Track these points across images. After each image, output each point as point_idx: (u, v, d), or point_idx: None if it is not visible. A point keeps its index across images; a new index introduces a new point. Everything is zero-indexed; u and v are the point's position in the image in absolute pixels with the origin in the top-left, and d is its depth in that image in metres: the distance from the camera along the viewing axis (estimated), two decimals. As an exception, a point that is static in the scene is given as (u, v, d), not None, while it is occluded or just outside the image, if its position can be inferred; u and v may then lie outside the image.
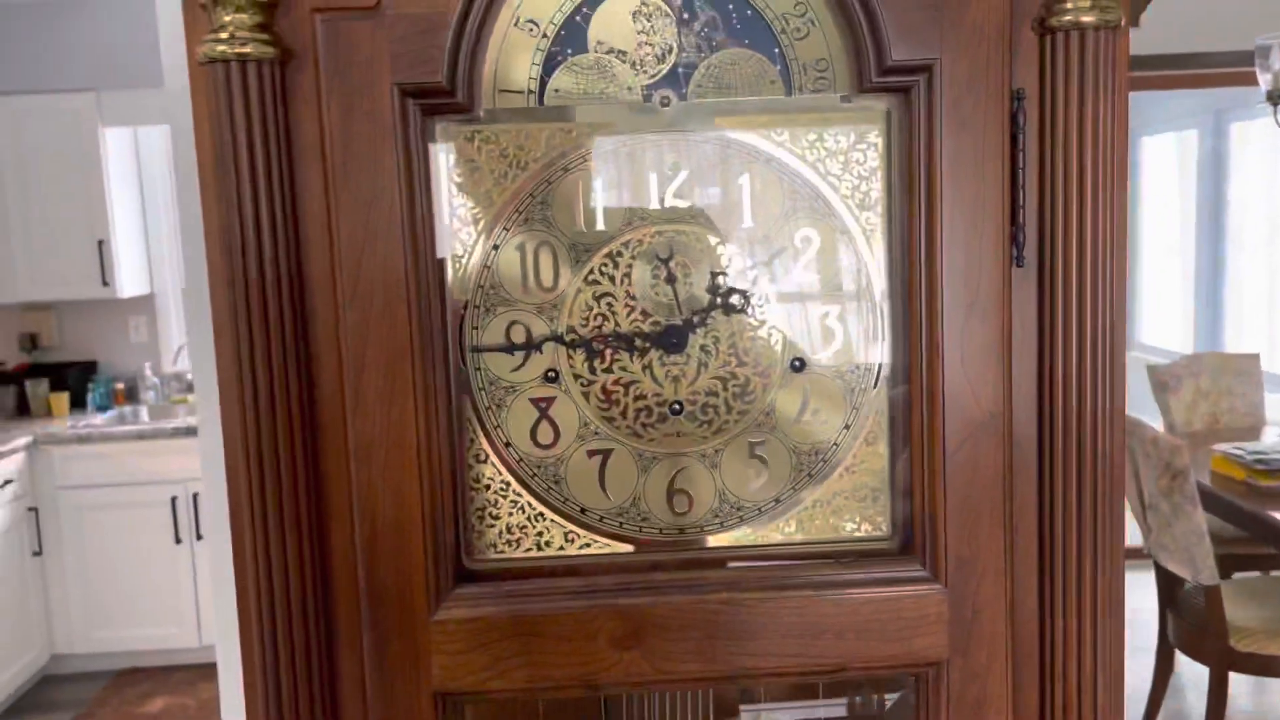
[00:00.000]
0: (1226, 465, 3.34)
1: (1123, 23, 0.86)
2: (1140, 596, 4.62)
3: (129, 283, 4.65)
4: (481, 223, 0.92)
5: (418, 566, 0.90)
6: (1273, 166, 5.69)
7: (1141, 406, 4.65)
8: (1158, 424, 3.92)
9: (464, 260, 0.93)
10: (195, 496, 4.25)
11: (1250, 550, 3.71)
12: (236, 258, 0.84)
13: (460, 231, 0.92)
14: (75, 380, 4.75)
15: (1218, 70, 4.61)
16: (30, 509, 4.22)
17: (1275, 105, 3.41)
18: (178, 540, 4.29)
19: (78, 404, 4.73)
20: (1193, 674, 3.87)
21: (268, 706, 0.88)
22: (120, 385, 4.82)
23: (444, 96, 0.87)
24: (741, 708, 1.26)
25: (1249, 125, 5.82)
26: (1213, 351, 5.01)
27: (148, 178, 4.84)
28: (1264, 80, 3.42)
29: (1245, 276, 6.12)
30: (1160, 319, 6.81)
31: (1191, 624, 3.15)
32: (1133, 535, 4.21)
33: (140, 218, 4.82)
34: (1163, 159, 6.78)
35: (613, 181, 0.93)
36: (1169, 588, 3.35)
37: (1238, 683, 3.59)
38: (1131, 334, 6.84)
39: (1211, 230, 6.30)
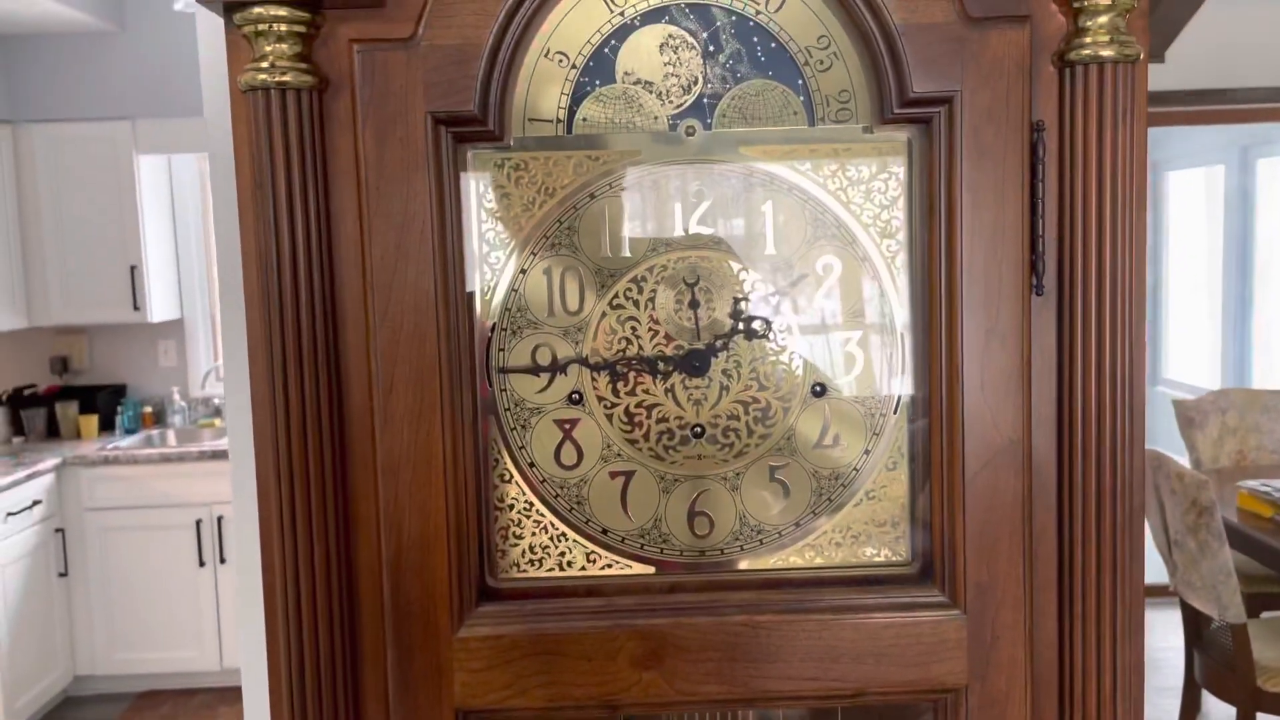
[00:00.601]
0: (1253, 502, 3.31)
1: (1141, 57, 0.87)
2: (1166, 635, 4.56)
3: (160, 308, 4.72)
4: (509, 247, 0.94)
5: (442, 584, 0.91)
6: (1300, 203, 5.65)
7: (1168, 442, 4.62)
8: (1184, 460, 3.89)
9: (492, 283, 0.95)
10: (220, 520, 4.30)
11: (1278, 589, 3.66)
12: (272, 277, 0.86)
13: (489, 255, 0.94)
14: (104, 403, 4.81)
15: (1243, 106, 4.61)
16: (57, 530, 4.27)
17: (1301, 141, 3.40)
18: (201, 563, 4.33)
19: (106, 427, 4.79)
20: (1220, 714, 3.80)
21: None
22: (148, 409, 4.88)
23: (475, 125, 0.90)
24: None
25: (1276, 162, 5.80)
26: (1240, 387, 4.96)
27: (180, 205, 4.93)
28: (1290, 116, 3.41)
29: (1273, 312, 6.07)
30: (1187, 354, 6.76)
31: (1218, 663, 3.11)
32: (1158, 572, 4.17)
33: (172, 244, 4.91)
34: (1190, 195, 6.76)
35: (638, 209, 0.95)
36: (1195, 626, 3.31)
37: (1266, 724, 3.52)
38: (1158, 369, 6.79)
39: (1239, 266, 6.26)
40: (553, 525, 0.97)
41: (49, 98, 4.67)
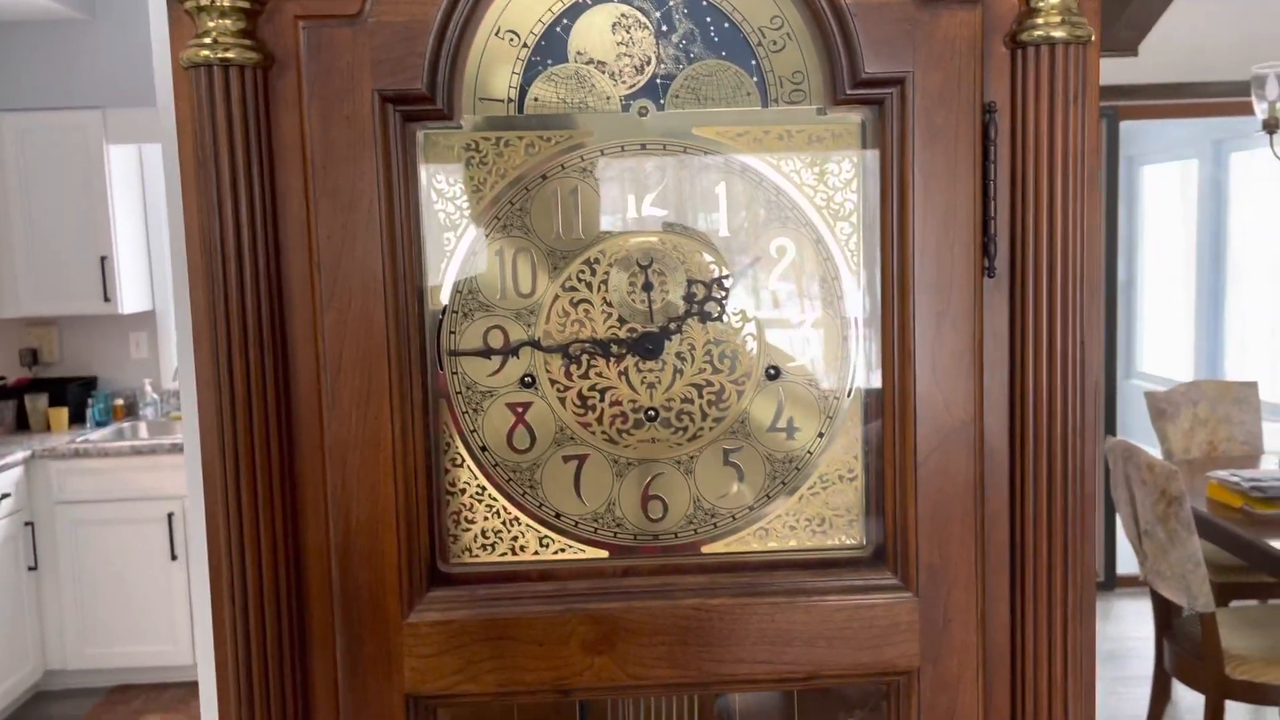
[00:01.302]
0: (1223, 492, 3.34)
1: (1093, 38, 0.87)
2: (1136, 624, 4.60)
3: (130, 299, 4.68)
4: (460, 228, 0.93)
5: (391, 569, 0.91)
6: (1272, 197, 5.70)
7: (1141, 434, 4.65)
8: (1156, 451, 3.92)
9: (443, 265, 0.94)
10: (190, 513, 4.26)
11: (1247, 579, 3.70)
12: (215, 258, 0.85)
13: (440, 236, 0.93)
14: (75, 395, 4.77)
15: (1215, 100, 4.64)
16: (27, 523, 4.22)
17: (1271, 134, 3.43)
18: (173, 557, 4.29)
19: (77, 419, 4.75)
20: (1189, 702, 3.84)
21: (240, 707, 0.88)
22: (120, 401, 4.84)
23: (424, 103, 0.88)
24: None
25: (1249, 155, 5.85)
26: (1211, 379, 5.00)
27: (151, 195, 4.89)
28: (1260, 109, 3.45)
29: (1246, 305, 6.13)
30: (1162, 347, 6.81)
31: (1187, 651, 3.14)
32: (1129, 562, 4.19)
33: (143, 235, 4.86)
34: (1164, 189, 6.81)
35: (591, 190, 0.94)
36: (1165, 615, 3.34)
37: (1233, 711, 3.56)
38: (1133, 362, 6.83)
39: (1212, 259, 6.32)
40: (505, 510, 0.96)
41: (18, 86, 4.62)
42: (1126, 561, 4.68)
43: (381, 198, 0.88)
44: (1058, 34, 0.86)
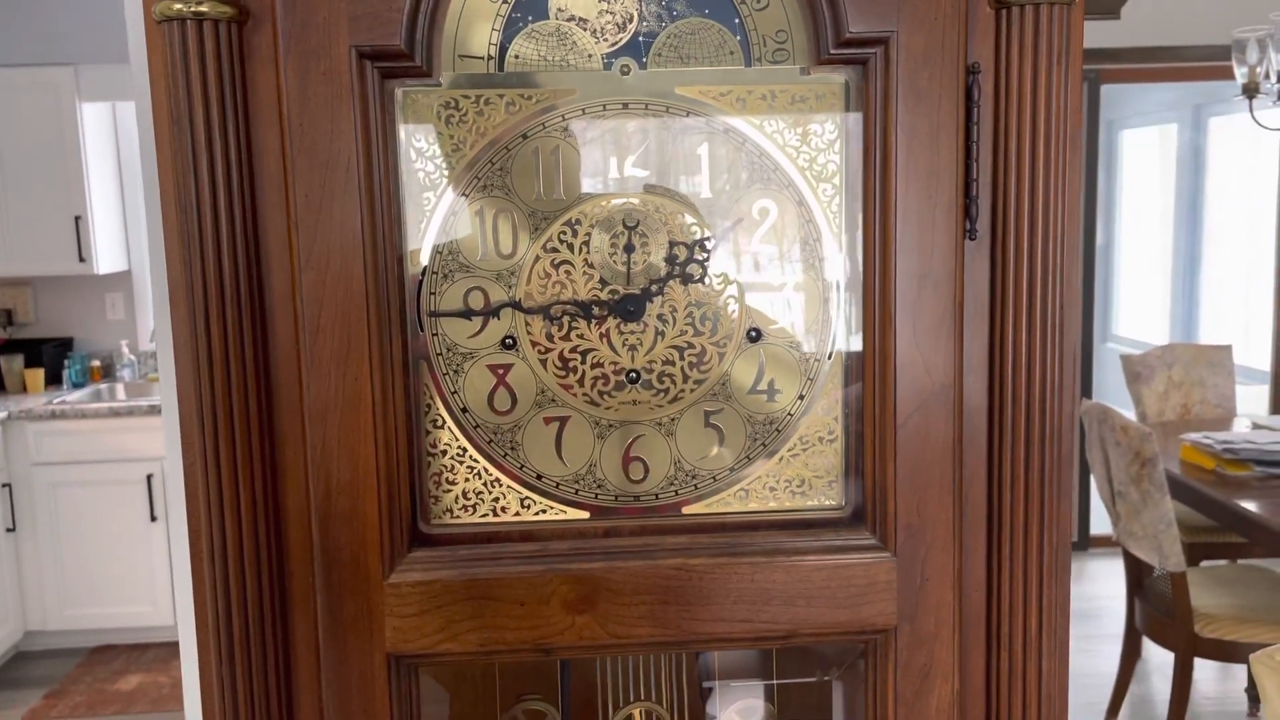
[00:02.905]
0: (1196, 454, 3.38)
1: (1077, -1, 0.87)
2: (1109, 583, 4.67)
3: (106, 259, 4.63)
4: (440, 188, 0.92)
5: (372, 530, 0.91)
6: (1250, 161, 5.73)
7: (1117, 396, 4.70)
8: (1131, 414, 3.96)
9: (423, 225, 0.93)
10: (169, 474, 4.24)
11: (1218, 539, 3.76)
12: (191, 218, 0.84)
13: (419, 196, 0.92)
14: (51, 357, 4.72)
15: (1196, 64, 4.64)
16: (4, 485, 4.20)
17: (1251, 98, 3.43)
18: (153, 518, 4.28)
19: (54, 380, 4.71)
20: (1158, 660, 3.92)
21: (220, 666, 0.89)
22: (96, 362, 4.80)
23: (402, 60, 0.87)
24: (704, 683, 1.27)
25: (1228, 120, 5.86)
26: (1185, 342, 5.05)
27: (126, 154, 4.81)
28: (1240, 74, 3.45)
29: (1221, 270, 6.18)
30: (1138, 311, 6.86)
31: (1158, 610, 3.19)
32: (1103, 522, 4.25)
33: (118, 194, 4.80)
34: (1143, 153, 6.82)
35: (572, 149, 0.93)
36: (1137, 575, 3.40)
37: (1202, 668, 3.64)
38: (1109, 326, 6.89)
39: (1189, 224, 6.35)
40: (486, 471, 0.96)
41: (-14, 41, 4.52)
42: (1100, 522, 4.75)
43: (360, 156, 0.87)
44: (1042, -6, 0.85)
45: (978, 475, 0.93)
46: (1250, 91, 3.39)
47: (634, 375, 0.96)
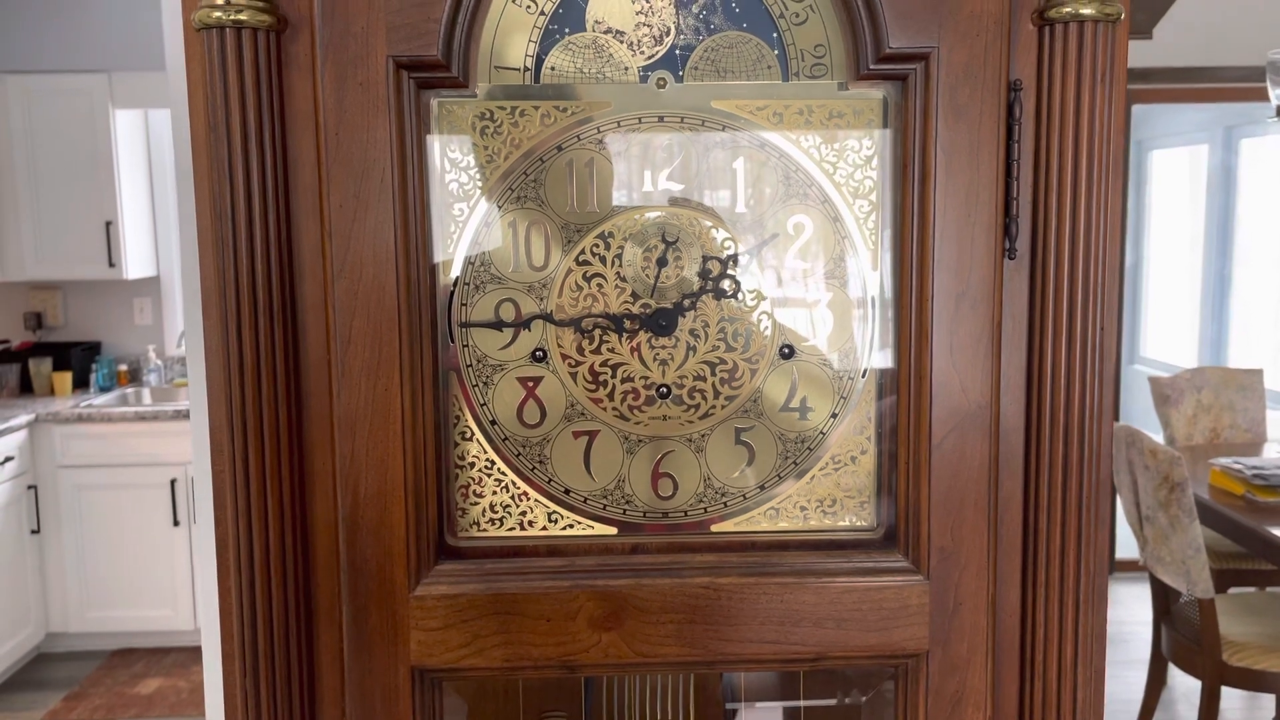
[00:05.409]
0: (1225, 480, 3.33)
1: (1122, 17, 0.86)
2: (1135, 609, 4.61)
3: (135, 265, 4.67)
4: (474, 198, 0.92)
5: (399, 541, 0.90)
6: (1282, 183, 5.66)
7: (1144, 419, 4.64)
8: (1159, 436, 3.91)
9: (455, 236, 0.92)
10: (195, 480, 4.26)
11: (1247, 566, 3.70)
12: (226, 225, 0.84)
13: (453, 207, 0.92)
14: (79, 360, 4.76)
15: (1229, 85, 4.60)
16: (30, 487, 4.23)
17: (1286, 120, 3.39)
18: (176, 523, 4.30)
19: (81, 384, 4.75)
20: (1185, 687, 3.86)
21: (245, 675, 0.88)
22: (123, 367, 4.84)
23: (439, 70, 0.87)
24: (727, 705, 1.25)
25: (1260, 142, 5.80)
26: (1215, 366, 4.99)
27: (157, 161, 4.86)
28: (1275, 95, 3.41)
29: (1251, 293, 6.10)
30: (1166, 333, 6.79)
31: (1185, 637, 3.14)
32: (1129, 547, 4.20)
33: (148, 200, 4.84)
34: (1173, 174, 6.76)
35: (606, 162, 0.93)
36: (1164, 600, 3.34)
37: (1229, 697, 3.58)
38: (1137, 347, 6.82)
39: (1220, 245, 6.28)
40: (514, 484, 0.95)
41: (23, 49, 4.58)
42: (1126, 546, 4.69)
43: (395, 166, 0.86)
44: (1086, 11, 0.84)
45: (1013, 498, 0.91)
46: (1285, 113, 3.35)
47: (664, 390, 0.95)
